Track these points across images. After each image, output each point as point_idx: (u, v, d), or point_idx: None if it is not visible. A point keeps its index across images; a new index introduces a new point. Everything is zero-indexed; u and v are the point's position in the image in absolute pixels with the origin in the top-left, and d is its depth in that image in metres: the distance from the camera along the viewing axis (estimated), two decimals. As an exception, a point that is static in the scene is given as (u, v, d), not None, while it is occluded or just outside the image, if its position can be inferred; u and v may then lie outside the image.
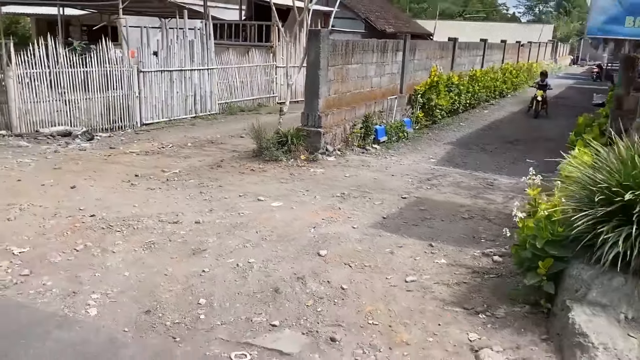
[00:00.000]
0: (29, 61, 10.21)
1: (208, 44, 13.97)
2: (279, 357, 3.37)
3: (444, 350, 3.45)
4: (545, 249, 3.68)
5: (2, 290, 4.18)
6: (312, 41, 9.17)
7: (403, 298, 4.16)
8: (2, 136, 9.85)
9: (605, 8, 5.47)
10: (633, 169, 3.48)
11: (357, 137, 10.22)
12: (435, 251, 5.15)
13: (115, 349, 3.39)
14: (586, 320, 3.28)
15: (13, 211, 5.91)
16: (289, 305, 4.02)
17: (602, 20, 5.50)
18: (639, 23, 5.34)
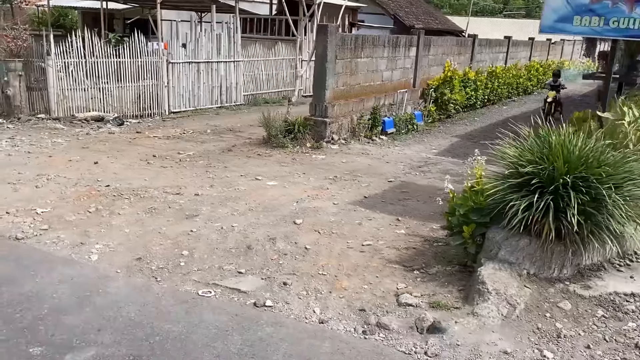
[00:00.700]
0: (67, 51, 11.25)
1: (235, 37, 14.78)
2: (237, 294, 4.09)
3: (373, 295, 4.10)
4: (469, 215, 4.27)
5: (24, 240, 5.05)
6: (320, 35, 9.83)
7: (355, 257, 4.82)
8: (41, 119, 10.94)
9: (556, 8, 5.95)
10: (541, 147, 4.03)
11: (364, 127, 10.83)
12: (399, 224, 5.77)
13: (105, 282, 4.19)
14: (490, 273, 3.87)
15: (41, 180, 6.86)
16: (257, 259, 4.74)
17: (553, 19, 5.98)
18: (585, 22, 5.81)
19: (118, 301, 3.89)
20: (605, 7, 5.71)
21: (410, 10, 26.63)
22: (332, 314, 3.83)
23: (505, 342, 3.36)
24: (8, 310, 3.71)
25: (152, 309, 3.79)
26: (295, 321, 3.73)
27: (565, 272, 3.95)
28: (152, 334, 3.46)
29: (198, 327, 3.57)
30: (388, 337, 3.53)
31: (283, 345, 3.38)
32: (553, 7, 5.98)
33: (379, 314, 3.81)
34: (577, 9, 5.83)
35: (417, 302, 3.91)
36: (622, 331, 3.44)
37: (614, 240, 3.87)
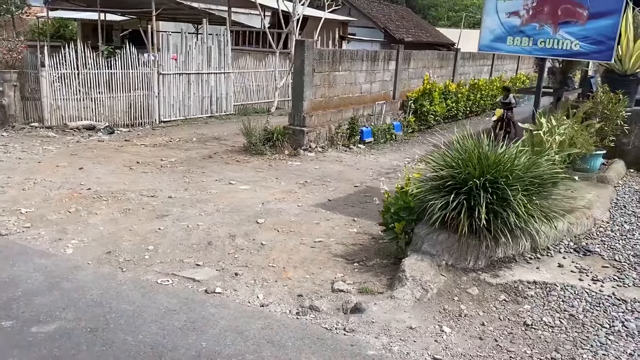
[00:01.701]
0: (61, 63, 11.84)
1: (225, 49, 15.39)
2: (192, 283, 4.61)
3: (313, 283, 4.62)
4: (400, 213, 4.79)
5: (7, 235, 5.58)
6: (298, 50, 10.42)
7: (304, 252, 5.34)
8: (35, 127, 11.52)
9: (492, 29, 6.53)
10: (460, 153, 4.56)
11: (342, 136, 11.39)
12: (353, 224, 6.29)
13: (75, 271, 4.71)
14: (411, 263, 4.39)
15: (28, 184, 7.40)
16: (215, 253, 5.26)
17: (490, 38, 6.56)
18: (517, 42, 6.37)
19: (84, 286, 4.41)
20: (533, 29, 6.27)
21: (401, 23, 27.31)
22: (273, 299, 4.34)
23: (414, 320, 3.87)
24: (-14, 293, 4.23)
25: (113, 293, 4.31)
26: (239, 305, 4.24)
27: (479, 263, 4.46)
28: (109, 312, 3.98)
29: (150, 307, 4.09)
30: (317, 317, 4.04)
31: (221, 322, 3.89)
32: (490, 29, 6.56)
33: (314, 298, 4.32)
34: (510, 30, 6.41)
35: (348, 289, 4.43)
36: (517, 312, 3.95)
37: (523, 235, 4.38)
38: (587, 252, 4.82)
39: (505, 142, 7.04)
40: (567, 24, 6.10)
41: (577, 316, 3.88)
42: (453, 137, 5.01)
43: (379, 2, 29.78)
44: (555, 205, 4.60)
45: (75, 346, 3.53)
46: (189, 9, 20.77)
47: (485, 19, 6.62)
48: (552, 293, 4.14)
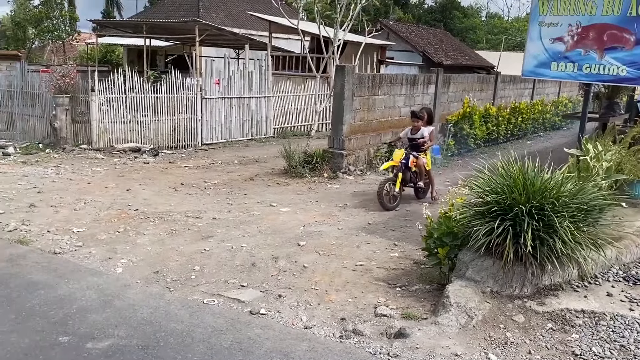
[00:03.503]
0: (110, 87, 12.35)
1: (266, 74, 15.77)
2: (237, 303, 4.70)
3: (355, 307, 4.65)
4: (443, 239, 4.79)
5: (61, 254, 5.83)
6: (338, 74, 10.59)
7: (346, 275, 5.38)
8: (84, 149, 12.00)
9: (535, 55, 6.51)
10: (505, 179, 4.55)
11: (380, 160, 11.43)
12: (394, 248, 6.30)
13: (126, 290, 4.88)
14: (455, 289, 4.37)
15: (80, 204, 7.71)
16: (259, 274, 5.36)
17: (534, 64, 6.53)
18: (561, 68, 6.33)
19: (134, 305, 4.56)
20: (578, 55, 6.23)
21: (440, 47, 27.36)
22: (316, 322, 4.39)
23: (458, 346, 3.85)
24: (44, 309, 4.43)
25: (162, 312, 4.45)
26: (283, 326, 4.31)
27: (525, 290, 4.41)
28: (159, 330, 4.11)
29: (198, 326, 4.20)
30: (360, 341, 4.06)
31: (267, 343, 3.96)
32: (533, 54, 6.55)
33: (357, 322, 4.34)
34: (554, 56, 6.38)
35: (392, 313, 4.44)
36: (565, 341, 3.88)
37: (570, 263, 4.32)
38: (637, 281, 4.69)
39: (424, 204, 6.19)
40: (613, 49, 6.04)
41: (629, 347, 3.79)
42: (497, 162, 5.00)
43: (417, 26, 29.97)
44: (603, 233, 4.51)
45: (128, 363, 3.66)
46: (231, 35, 21.38)
47: (529, 45, 6.62)
48: (601, 323, 4.06)
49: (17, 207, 7.51)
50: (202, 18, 22.74)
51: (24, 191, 8.43)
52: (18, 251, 5.81)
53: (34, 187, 8.72)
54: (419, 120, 8.32)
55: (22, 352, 3.77)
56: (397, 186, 8.02)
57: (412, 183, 8.46)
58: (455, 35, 39.89)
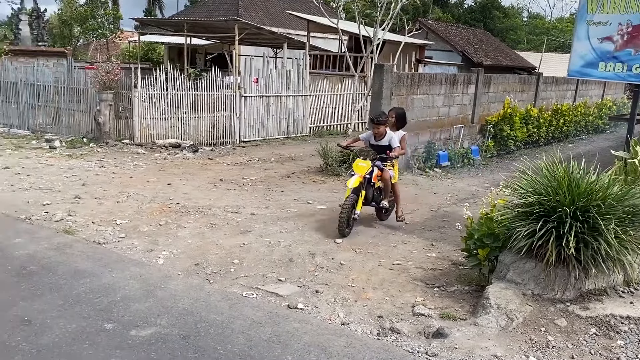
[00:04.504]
0: (152, 84, 12.63)
1: (303, 73, 15.83)
2: (275, 297, 4.76)
3: (392, 305, 4.64)
4: (484, 240, 4.73)
5: (105, 244, 6.01)
6: (377, 73, 10.56)
7: (383, 273, 5.37)
8: (126, 144, 12.31)
9: (582, 55, 6.34)
10: (549, 180, 4.46)
11: (417, 160, 11.35)
12: (432, 248, 6.25)
13: (167, 281, 4.99)
14: (496, 291, 4.31)
15: (123, 197, 7.92)
16: (296, 270, 5.41)
17: (580, 64, 6.36)
18: (609, 68, 6.14)
19: (175, 295, 4.67)
20: (628, 55, 6.05)
21: (480, 47, 26.94)
22: (353, 319, 4.41)
23: (498, 348, 3.80)
24: (90, 296, 4.58)
25: (203, 303, 4.54)
26: (320, 321, 4.34)
27: (567, 294, 4.31)
28: (200, 321, 4.20)
29: (237, 318, 4.27)
30: (398, 339, 4.06)
31: (305, 337, 4.00)
32: (580, 54, 6.39)
33: (394, 320, 4.34)
34: (602, 56, 6.22)
35: (430, 313, 4.41)
36: (609, 347, 3.78)
37: (615, 267, 4.21)
38: (687, 289, 4.54)
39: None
40: (666, 49, 5.85)
41: (677, 356, 3.67)
42: (540, 164, 4.91)
43: (457, 26, 29.60)
44: (651, 238, 4.38)
45: (170, 351, 3.75)
46: (269, 34, 21.55)
47: (576, 45, 6.47)
48: (647, 330, 3.94)
49: (63, 198, 7.77)
50: (241, 17, 22.99)
51: (70, 183, 8.71)
52: (64, 240, 6.02)
53: (79, 179, 9.00)
54: (379, 126, 6.72)
55: (70, 336, 3.91)
56: (359, 207, 6.49)
57: (374, 202, 6.88)
58: (496, 36, 39.20)
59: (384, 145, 6.83)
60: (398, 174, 7.24)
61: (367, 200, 6.77)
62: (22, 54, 22.13)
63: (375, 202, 6.94)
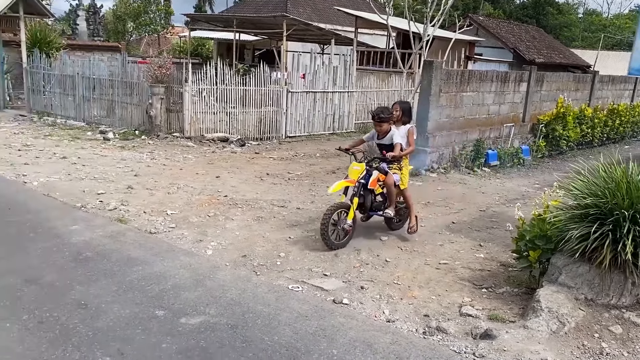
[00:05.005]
0: (202, 79, 12.88)
1: (350, 69, 15.81)
2: (320, 291, 4.79)
3: (439, 305, 4.59)
4: (535, 241, 4.61)
5: (157, 234, 6.18)
6: (426, 70, 10.43)
7: (429, 272, 5.32)
8: (176, 137, 12.61)
9: None
10: (606, 182, 4.30)
11: (465, 158, 11.16)
12: (480, 249, 6.15)
13: (215, 271, 5.10)
14: (547, 294, 4.20)
15: (173, 188, 8.13)
16: (341, 265, 5.42)
17: None
18: None
19: (223, 286, 4.77)
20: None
21: (532, 44, 26.20)
22: (399, 316, 4.38)
23: (549, 352, 3.70)
24: (142, 283, 4.73)
25: (250, 294, 4.61)
26: (365, 317, 4.34)
27: (623, 300, 4.16)
28: (247, 312, 4.27)
29: (284, 311, 4.32)
30: (444, 338, 4.01)
31: (350, 333, 4.01)
32: (643, 50, 6.10)
33: (441, 320, 4.29)
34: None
35: (477, 314, 4.34)
36: (669, 357, 3.63)
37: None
38: None
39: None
40: None
41: None
42: (597, 164, 4.74)
43: (509, 22, 28.86)
44: None
45: (219, 340, 3.83)
46: (317, 30, 21.59)
47: (638, 42, 6.18)
48: None
49: (116, 188, 8.04)
50: (289, 13, 23.12)
51: (122, 174, 9.01)
52: (118, 229, 6.23)
53: (131, 170, 9.29)
54: (382, 123, 6.09)
55: (124, 321, 4.06)
56: (350, 216, 5.73)
57: (376, 210, 6.19)
58: (549, 33, 38.01)
59: (388, 145, 6.14)
60: (408, 177, 6.43)
61: (365, 209, 6.09)
62: (78, 48, 23.02)
63: (377, 211, 6.20)
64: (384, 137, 6.21)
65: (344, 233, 5.84)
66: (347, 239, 5.88)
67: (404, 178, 6.23)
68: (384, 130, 6.17)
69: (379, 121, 6.11)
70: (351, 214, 5.76)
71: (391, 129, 6.18)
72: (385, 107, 6.49)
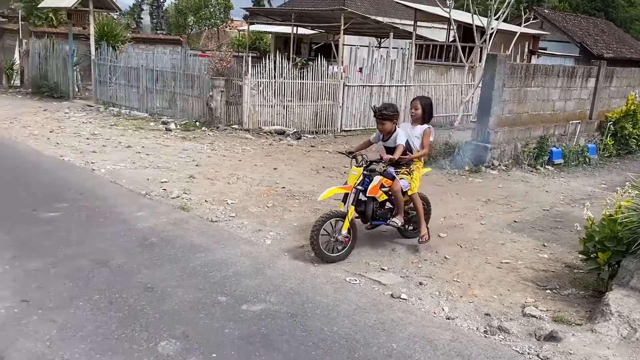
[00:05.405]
0: (261, 72, 13.06)
1: (408, 63, 15.62)
2: (377, 285, 4.78)
3: (500, 304, 4.48)
4: (605, 243, 4.42)
5: (218, 222, 6.33)
6: (489, 64, 10.17)
7: (491, 271, 5.20)
8: (235, 129, 12.86)
9: None
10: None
11: (528, 156, 10.82)
12: (543, 249, 5.95)
13: (275, 260, 5.18)
14: (617, 298, 4.02)
15: (232, 179, 8.31)
16: (399, 260, 5.39)
17: None
18: None
19: (283, 275, 4.84)
20: None
21: (601, 38, 25.05)
22: (458, 314, 4.31)
23: (618, 358, 3.55)
24: (205, 269, 4.87)
25: (309, 284, 4.66)
26: (425, 313, 4.29)
27: (702, 308, 3.93)
28: (306, 301, 4.32)
29: (342, 302, 4.34)
30: (506, 338, 3.92)
31: (410, 328, 3.98)
32: None
33: (502, 319, 4.19)
34: None
35: (541, 315, 4.21)
36: None
37: None
38: None
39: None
40: None
41: None
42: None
43: (575, 15, 27.69)
44: None
45: (279, 328, 3.89)
46: (374, 23, 21.42)
47: None
48: None
49: (178, 177, 8.28)
50: (347, 6, 23.05)
51: (184, 164, 9.27)
52: (181, 216, 6.43)
53: (192, 160, 9.55)
54: (384, 121, 5.47)
55: (188, 305, 4.19)
56: (345, 227, 5.18)
57: (382, 219, 5.59)
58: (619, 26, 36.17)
59: (393, 147, 5.49)
60: (419, 182, 5.74)
61: (366, 218, 5.50)
62: (142, 41, 23.81)
63: (383, 220, 5.60)
64: (388, 139, 5.59)
65: (340, 245, 5.26)
66: (344, 252, 5.28)
67: (413, 183, 5.60)
68: (388, 130, 5.52)
69: (381, 118, 5.47)
70: (346, 224, 5.18)
71: (396, 129, 5.53)
72: (390, 103, 5.85)
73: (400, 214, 5.56)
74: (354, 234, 5.33)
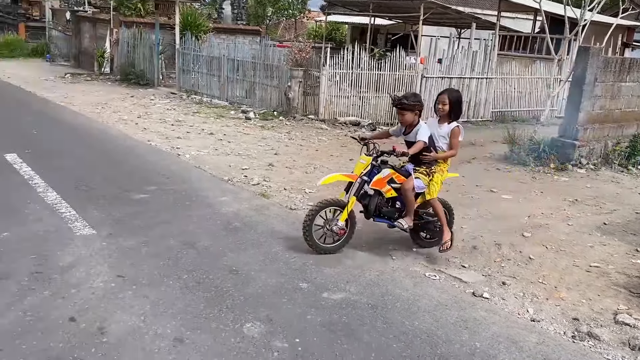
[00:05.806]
0: (339, 63, 13.09)
1: (491, 55, 15.13)
2: (458, 282, 4.69)
3: (590, 309, 4.28)
4: None
5: (296, 210, 6.44)
6: (580, 57, 9.65)
7: (578, 274, 4.97)
8: (311, 119, 12.99)
9: None
10: None
11: (619, 155, 10.21)
12: (636, 254, 5.61)
13: (353, 251, 5.19)
14: None
15: (310, 168, 8.42)
16: (480, 258, 5.26)
17: None
18: None
19: (362, 266, 4.86)
20: None
21: None
22: (544, 317, 4.16)
23: None
24: (286, 255, 4.98)
25: (388, 277, 4.66)
26: (508, 314, 4.18)
27: None
28: (386, 294, 4.32)
29: (423, 297, 4.30)
30: (597, 345, 3.75)
31: (493, 328, 3.89)
32: None
33: (592, 325, 4.01)
34: None
35: (636, 324, 3.99)
36: None
37: None
38: None
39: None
40: None
41: None
42: None
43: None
44: None
45: (360, 318, 3.92)
46: (455, 13, 20.84)
47: None
48: None
49: (258, 164, 8.49)
50: (427, -4, 22.53)
51: (263, 152, 9.48)
52: (261, 203, 6.59)
53: (271, 149, 9.75)
54: (404, 111, 4.95)
55: (271, 289, 4.30)
56: (343, 218, 4.92)
57: (387, 217, 5.12)
58: None
59: (413, 142, 4.96)
60: (440, 187, 5.09)
61: (369, 212, 5.08)
62: (223, 31, 24.44)
63: (388, 218, 5.13)
64: (410, 132, 5.05)
65: (335, 236, 5.00)
66: (339, 243, 5.02)
67: (433, 186, 4.99)
68: (408, 122, 4.99)
69: (400, 108, 4.95)
70: (344, 215, 4.90)
71: (419, 121, 5.01)
72: (413, 92, 5.50)
73: (409, 216, 5.01)
74: (352, 226, 5.06)
